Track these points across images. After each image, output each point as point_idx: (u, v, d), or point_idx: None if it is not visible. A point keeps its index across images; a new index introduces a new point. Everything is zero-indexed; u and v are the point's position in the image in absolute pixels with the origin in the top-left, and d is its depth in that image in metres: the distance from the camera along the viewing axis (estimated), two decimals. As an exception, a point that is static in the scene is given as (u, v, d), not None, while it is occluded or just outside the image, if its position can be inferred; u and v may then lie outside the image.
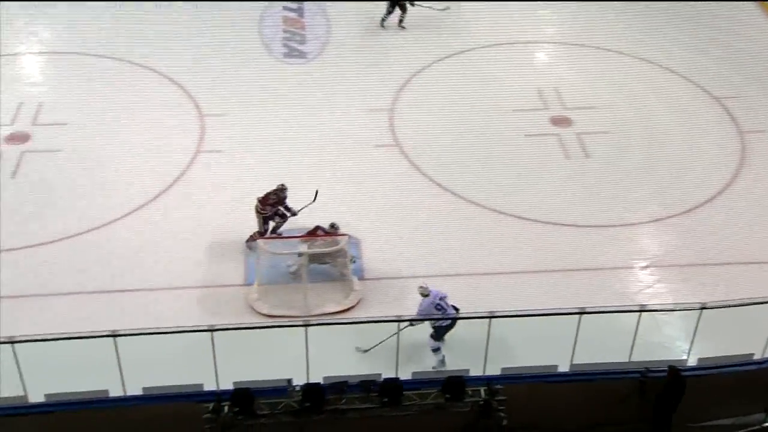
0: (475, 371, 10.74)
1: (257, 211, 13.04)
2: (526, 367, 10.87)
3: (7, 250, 13.05)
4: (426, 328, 11.19)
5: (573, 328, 10.53)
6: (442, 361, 11.22)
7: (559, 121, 16.38)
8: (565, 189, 14.73)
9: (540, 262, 13.18)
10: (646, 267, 13.26)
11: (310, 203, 13.09)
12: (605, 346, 11.00)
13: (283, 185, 13.10)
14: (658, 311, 11.71)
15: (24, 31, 18.53)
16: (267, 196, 13.05)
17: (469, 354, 11.16)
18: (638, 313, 10.74)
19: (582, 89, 17.20)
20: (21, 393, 10.18)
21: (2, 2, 18.18)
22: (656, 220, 14.17)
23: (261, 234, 13.02)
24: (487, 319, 10.57)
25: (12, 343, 9.90)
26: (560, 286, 12.71)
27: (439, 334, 11.21)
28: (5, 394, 10.18)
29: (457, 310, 11.25)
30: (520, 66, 17.86)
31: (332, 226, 12.79)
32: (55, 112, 16.15)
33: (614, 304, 11.56)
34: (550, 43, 19.00)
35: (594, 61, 18.00)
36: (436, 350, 11.24)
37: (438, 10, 18.13)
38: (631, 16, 19.11)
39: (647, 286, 12.92)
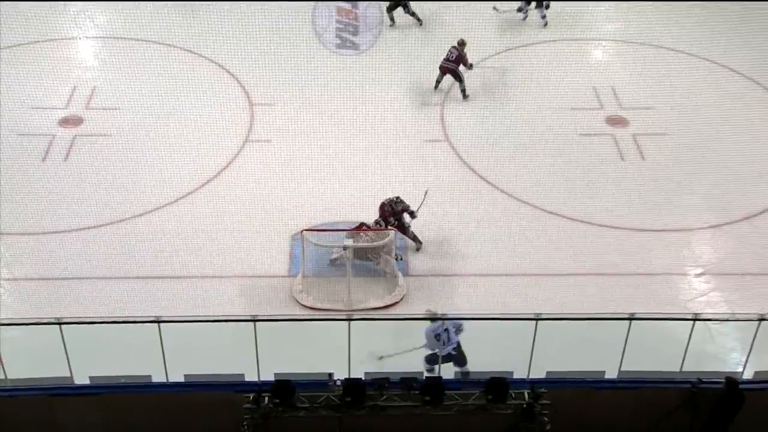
0: (519, 374, 10.65)
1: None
2: (572, 371, 10.72)
3: (56, 232, 13.37)
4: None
5: (622, 333, 10.36)
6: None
7: (615, 121, 16.13)
8: (618, 191, 14.49)
9: (589, 265, 13.01)
10: (701, 274, 12.97)
11: (422, 203, 13.09)
12: (655, 354, 10.81)
13: (397, 198, 12.98)
14: (712, 320, 11.46)
15: (80, 15, 18.89)
16: (382, 207, 12.95)
17: (513, 356, 11.04)
18: (692, 322, 10.52)
19: (640, 89, 16.90)
20: (67, 374, 10.42)
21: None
22: (712, 227, 13.85)
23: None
24: (533, 321, 10.45)
25: (59, 324, 10.13)
26: (609, 289, 12.54)
27: (431, 360, 10.96)
28: (51, 375, 10.43)
29: (460, 351, 10.89)
30: (576, 63, 17.62)
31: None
32: (107, 96, 16.46)
33: (666, 310, 11.36)
34: (610, 41, 18.68)
35: (654, 61, 17.66)
36: (429, 370, 10.98)
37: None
38: (695, 16, 18.66)
39: (701, 293, 12.65)
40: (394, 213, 12.95)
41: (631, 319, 10.33)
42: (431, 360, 10.96)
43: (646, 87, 16.95)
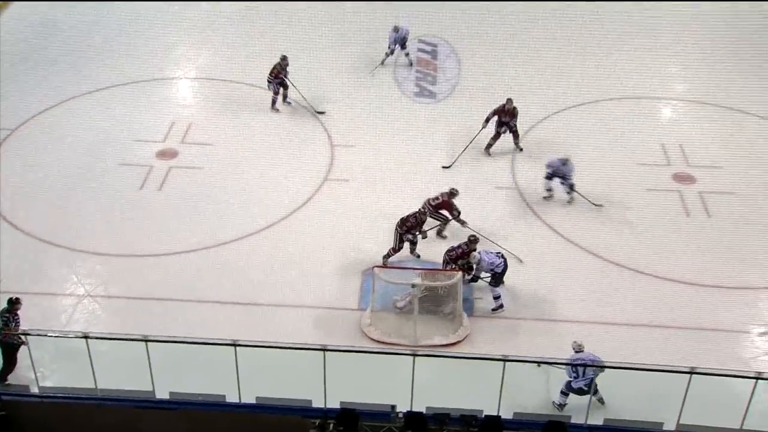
0: (577, 419, 10.43)
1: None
2: (630, 420, 10.42)
3: (148, 255, 13.85)
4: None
5: (682, 386, 10.04)
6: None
7: (682, 178, 15.81)
8: (683, 246, 14.16)
9: (652, 317, 12.74)
10: (765, 333, 12.51)
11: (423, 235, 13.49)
12: (715, 410, 10.42)
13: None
14: (775, 380, 11.00)
15: (183, 57, 19.78)
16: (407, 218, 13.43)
17: (572, 400, 10.92)
18: (754, 381, 10.12)
19: (708, 148, 16.54)
20: (150, 388, 10.71)
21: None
22: (779, 287, 13.40)
23: (394, 251, 13.49)
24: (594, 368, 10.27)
25: (146, 341, 10.44)
26: (671, 342, 12.25)
27: (568, 390, 11.05)
28: (136, 388, 10.74)
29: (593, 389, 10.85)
30: (645, 120, 17.42)
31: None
32: (202, 132, 17.07)
33: (728, 367, 10.96)
34: (679, 101, 18.40)
35: (723, 121, 17.29)
36: (560, 405, 11.11)
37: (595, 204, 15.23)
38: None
39: (765, 352, 12.19)
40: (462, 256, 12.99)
41: (691, 372, 10.01)
42: (568, 390, 10.99)
43: (714, 146, 16.57)
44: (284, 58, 17.14)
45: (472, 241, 13.00)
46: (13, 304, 11.25)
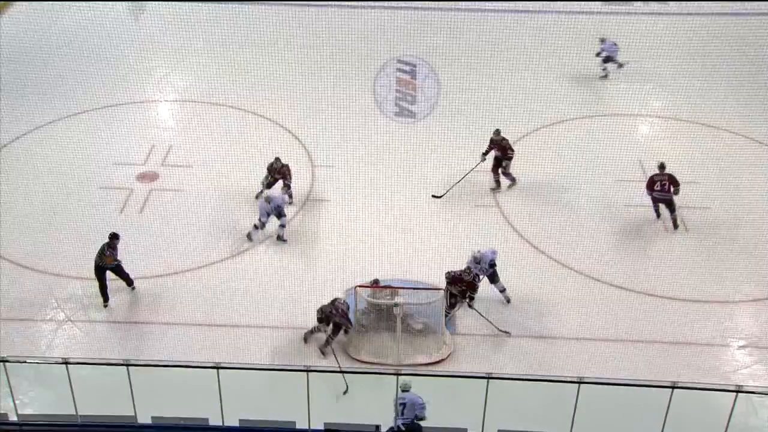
0: (561, 436, 10.47)
1: None
2: (613, 436, 10.51)
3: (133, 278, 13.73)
4: None
5: (664, 401, 10.11)
6: None
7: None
8: (662, 261, 14.30)
9: (632, 332, 12.81)
10: (744, 347, 12.63)
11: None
12: (697, 425, 10.50)
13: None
14: (756, 393, 11.11)
15: (162, 81, 19.78)
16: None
17: (552, 417, 10.89)
18: (734, 394, 10.21)
19: (685, 163, 16.69)
20: (131, 413, 10.59)
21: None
22: (756, 300, 13.53)
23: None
24: (576, 384, 10.29)
25: (127, 365, 10.36)
26: (652, 357, 12.31)
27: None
28: (117, 413, 10.62)
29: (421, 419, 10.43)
30: (623, 137, 17.58)
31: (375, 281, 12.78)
32: (182, 154, 17.04)
33: (708, 381, 11.06)
34: (655, 117, 18.67)
35: (699, 137, 17.51)
36: None
37: None
38: (742, 95, 18.55)
39: (744, 366, 12.30)
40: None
41: (673, 387, 10.09)
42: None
43: (690, 162, 16.75)
44: (278, 160, 15.38)
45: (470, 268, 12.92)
46: (112, 239, 13.11)
